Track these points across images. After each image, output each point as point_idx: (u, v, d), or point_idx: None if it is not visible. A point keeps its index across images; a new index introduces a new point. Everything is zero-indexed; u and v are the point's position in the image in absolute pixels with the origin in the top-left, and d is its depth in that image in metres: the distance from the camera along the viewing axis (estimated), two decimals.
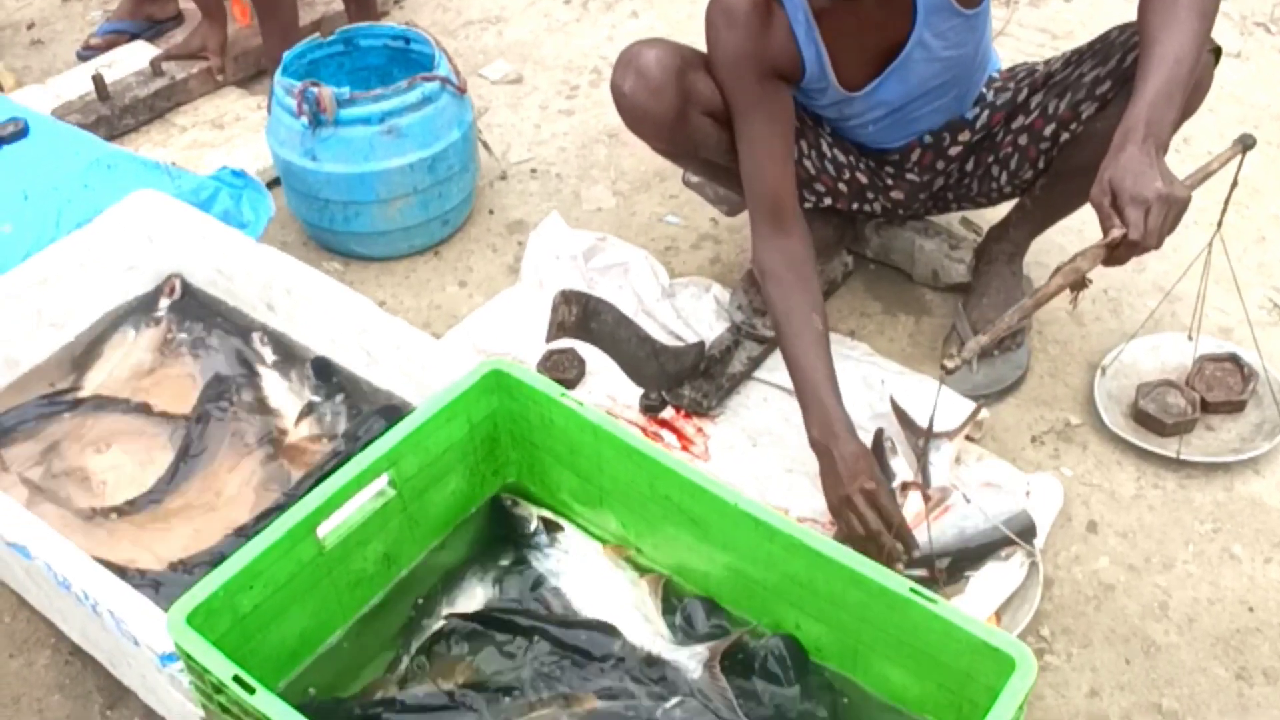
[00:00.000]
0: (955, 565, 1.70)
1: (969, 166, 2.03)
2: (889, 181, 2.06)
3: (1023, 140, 1.92)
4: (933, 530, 1.67)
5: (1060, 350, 2.14)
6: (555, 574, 1.63)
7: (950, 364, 1.43)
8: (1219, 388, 1.98)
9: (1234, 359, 2.01)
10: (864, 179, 2.06)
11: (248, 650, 1.40)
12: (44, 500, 1.73)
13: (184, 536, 1.67)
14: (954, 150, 2.00)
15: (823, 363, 1.77)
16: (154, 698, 1.61)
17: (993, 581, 1.68)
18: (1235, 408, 1.96)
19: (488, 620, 1.56)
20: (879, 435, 1.85)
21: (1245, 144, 1.67)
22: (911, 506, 1.75)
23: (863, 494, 1.66)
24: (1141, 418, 1.95)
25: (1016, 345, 2.08)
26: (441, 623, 1.56)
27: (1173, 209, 1.50)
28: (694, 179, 2.34)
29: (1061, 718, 1.61)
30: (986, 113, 1.96)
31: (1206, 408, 1.96)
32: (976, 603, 1.64)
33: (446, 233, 2.43)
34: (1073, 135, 1.85)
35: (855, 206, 2.12)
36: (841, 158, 2.03)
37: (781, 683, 1.46)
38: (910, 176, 2.04)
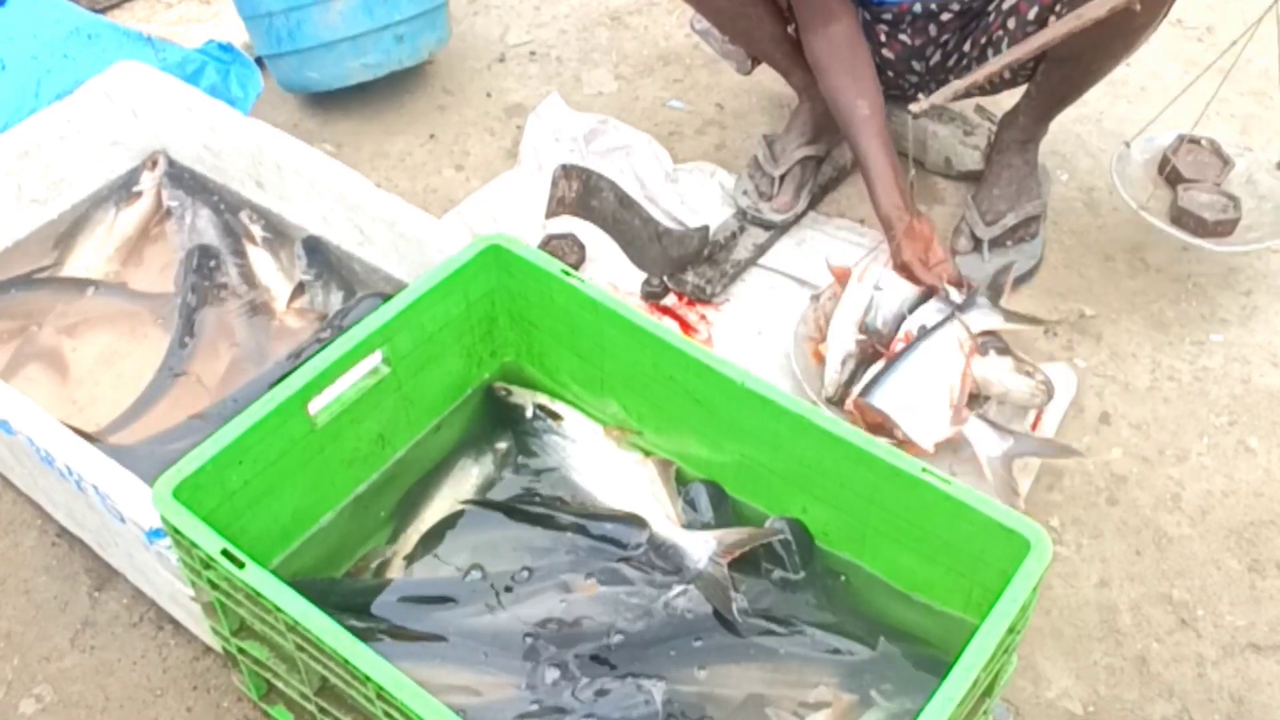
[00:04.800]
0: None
1: (966, 48, 1.95)
2: (882, 38, 1.99)
3: (1011, 24, 1.85)
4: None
5: (1075, 241, 2.07)
6: (559, 459, 1.58)
7: (916, 108, 1.50)
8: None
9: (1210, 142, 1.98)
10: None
11: (238, 528, 1.36)
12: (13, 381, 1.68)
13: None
14: (945, 17, 1.92)
15: (875, 145, 1.86)
16: (143, 578, 1.57)
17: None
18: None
19: (504, 508, 1.52)
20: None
21: None
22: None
23: (917, 257, 1.84)
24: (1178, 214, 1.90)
25: (1031, 235, 2.02)
26: (455, 507, 1.53)
27: None
28: (700, 25, 2.23)
29: (1070, 608, 1.58)
30: None
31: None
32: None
33: (405, 56, 2.29)
34: (1059, 20, 1.77)
35: None
36: None
37: (787, 568, 1.43)
38: (903, 38, 1.97)
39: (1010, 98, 2.08)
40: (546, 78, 2.46)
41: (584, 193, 1.75)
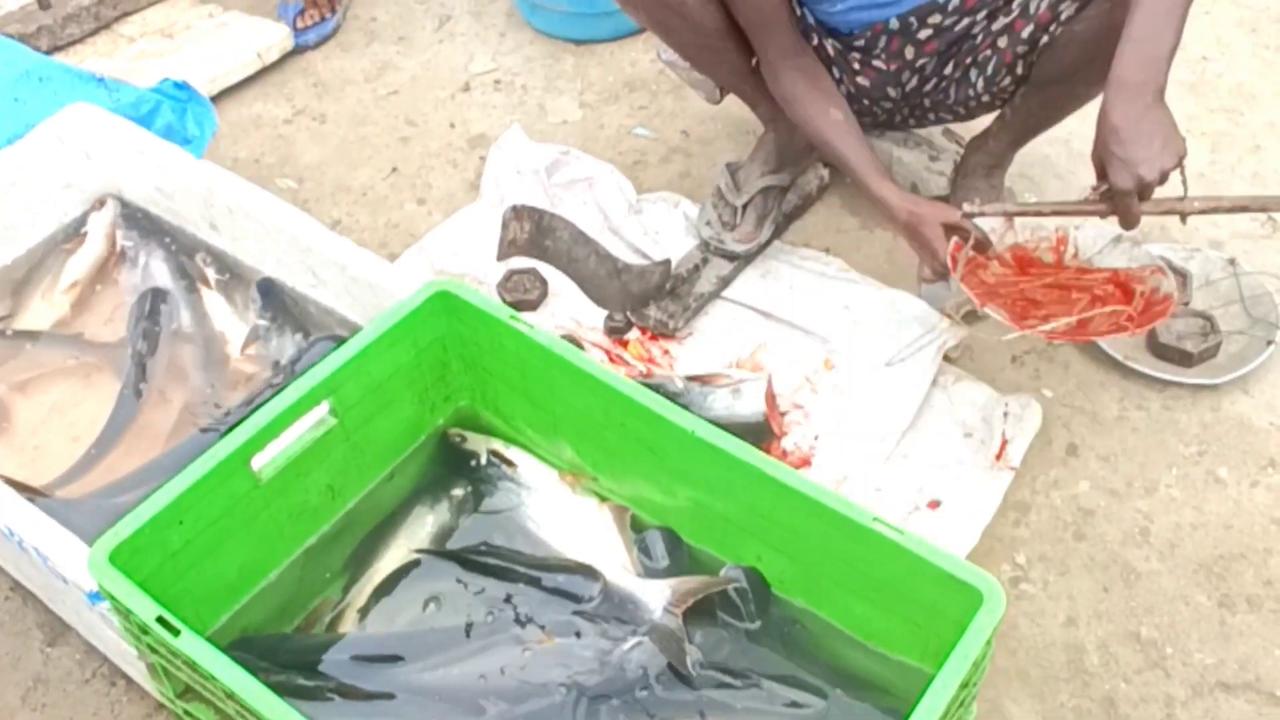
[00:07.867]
0: None
1: (947, 70, 1.91)
2: (855, 66, 1.93)
3: (1002, 43, 1.81)
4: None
5: None
6: (514, 506, 1.56)
7: (969, 208, 1.59)
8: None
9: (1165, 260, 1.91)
10: (830, 53, 1.93)
11: (181, 588, 1.33)
12: None
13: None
14: (924, 34, 1.85)
15: (851, 142, 1.82)
16: (93, 635, 1.55)
17: None
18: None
19: (457, 559, 1.49)
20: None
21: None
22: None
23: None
24: (1160, 350, 1.86)
25: None
26: (409, 557, 1.50)
27: (1163, 165, 1.54)
28: (668, 55, 2.20)
29: (1037, 647, 1.55)
30: None
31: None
32: None
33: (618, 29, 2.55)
34: (1051, 39, 1.74)
35: None
36: (808, 21, 1.93)
37: (743, 617, 1.40)
38: (877, 64, 1.91)
39: (978, 123, 2.06)
40: (511, 106, 2.44)
41: (536, 233, 1.73)
